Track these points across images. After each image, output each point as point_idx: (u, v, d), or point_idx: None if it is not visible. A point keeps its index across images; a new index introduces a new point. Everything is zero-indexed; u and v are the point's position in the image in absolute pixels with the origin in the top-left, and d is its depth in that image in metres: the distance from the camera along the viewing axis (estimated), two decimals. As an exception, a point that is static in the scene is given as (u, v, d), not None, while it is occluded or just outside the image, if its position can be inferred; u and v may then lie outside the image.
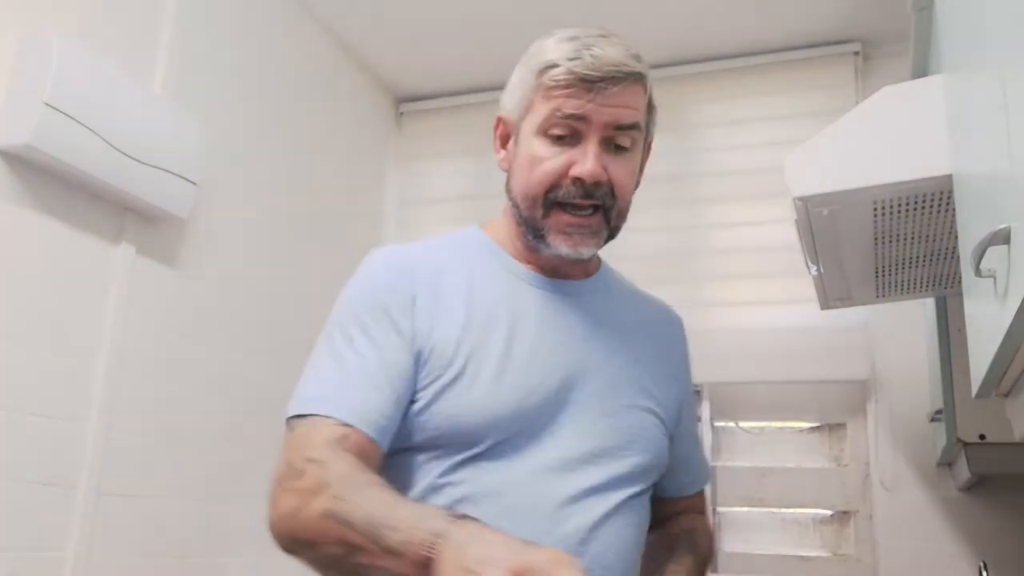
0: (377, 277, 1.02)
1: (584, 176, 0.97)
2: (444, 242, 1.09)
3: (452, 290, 1.01)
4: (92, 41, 1.82)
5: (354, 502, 0.82)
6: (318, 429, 0.90)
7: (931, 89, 1.32)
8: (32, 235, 1.69)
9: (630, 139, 1.02)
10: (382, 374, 0.94)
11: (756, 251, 2.50)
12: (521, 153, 1.02)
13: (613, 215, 1.02)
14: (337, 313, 1.01)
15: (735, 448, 2.51)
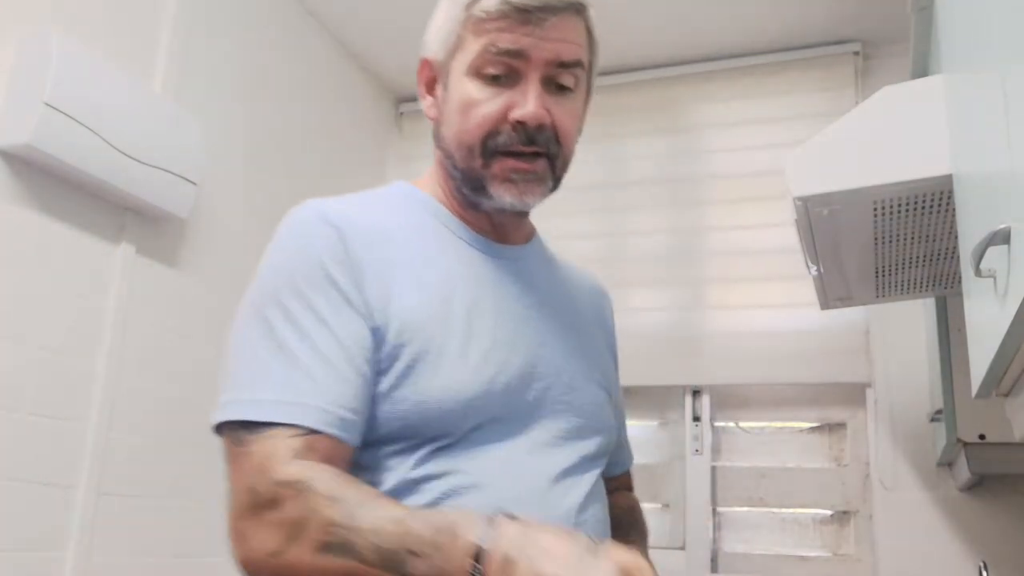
0: (311, 237, 0.86)
1: (526, 119, 0.87)
2: (377, 198, 0.96)
3: (402, 254, 0.88)
4: (92, 41, 1.82)
5: (356, 528, 0.71)
6: (279, 442, 0.77)
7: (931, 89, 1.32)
8: (32, 235, 1.69)
9: (573, 78, 0.91)
10: (341, 357, 0.80)
11: (756, 253, 2.50)
12: (452, 97, 0.91)
13: (558, 164, 0.92)
14: (265, 287, 0.85)
15: (735, 448, 2.51)
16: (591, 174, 2.73)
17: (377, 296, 0.84)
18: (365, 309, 0.83)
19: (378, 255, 0.86)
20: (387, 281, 0.85)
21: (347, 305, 0.83)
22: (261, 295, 0.85)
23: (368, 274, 0.85)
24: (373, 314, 0.83)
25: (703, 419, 2.49)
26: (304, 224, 0.87)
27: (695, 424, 2.50)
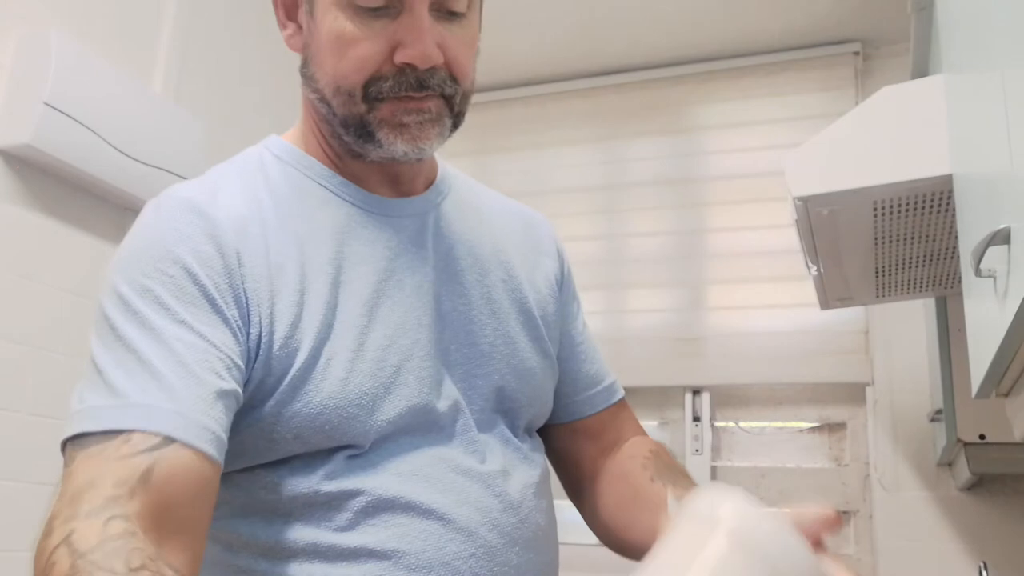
0: (169, 226, 0.70)
1: (415, 61, 0.72)
2: (245, 168, 0.80)
3: (279, 239, 0.73)
4: (92, 41, 1.82)
5: None
6: (111, 463, 0.59)
7: (931, 89, 1.32)
8: (32, 235, 1.69)
9: (465, 2, 0.76)
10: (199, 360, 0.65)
11: (757, 254, 2.50)
12: (322, 30, 0.75)
13: (457, 101, 0.77)
14: (111, 286, 0.69)
15: (735, 448, 2.51)
16: (591, 175, 2.73)
17: (264, 308, 0.70)
18: (239, 321, 0.69)
19: (258, 253, 0.72)
20: (269, 275, 0.72)
21: (207, 302, 0.68)
22: (108, 293, 0.70)
23: (246, 270, 0.71)
24: (249, 327, 0.69)
25: (703, 419, 2.49)
26: (162, 212, 0.73)
27: (695, 424, 2.50)
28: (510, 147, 2.81)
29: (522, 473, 0.81)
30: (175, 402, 0.63)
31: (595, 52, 2.68)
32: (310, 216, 0.77)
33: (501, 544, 0.74)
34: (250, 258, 0.71)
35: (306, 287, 0.73)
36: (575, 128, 2.79)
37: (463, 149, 2.86)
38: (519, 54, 2.68)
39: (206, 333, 0.67)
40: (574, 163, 2.77)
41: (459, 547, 0.71)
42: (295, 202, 0.77)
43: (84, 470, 0.60)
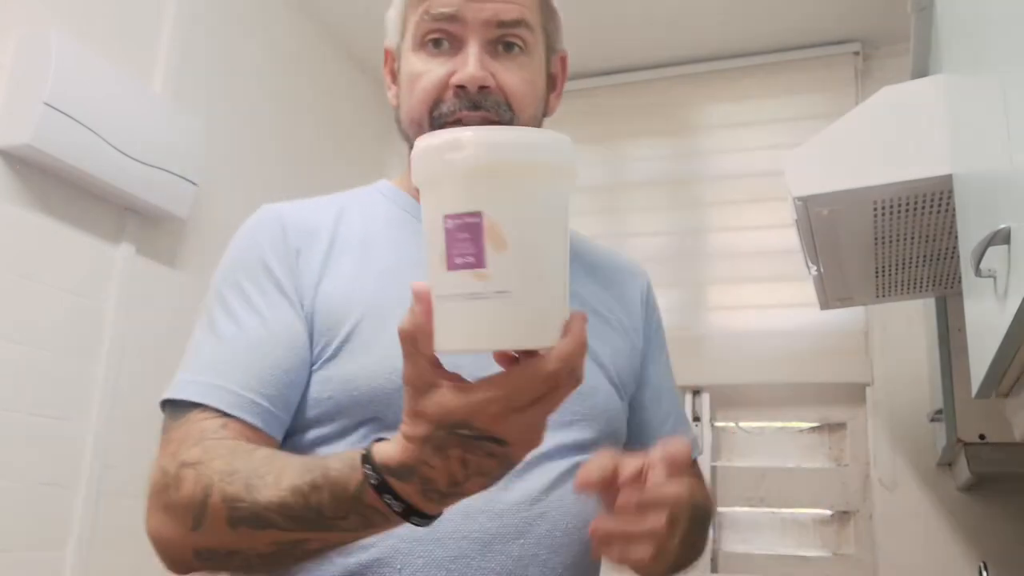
0: (257, 233, 0.89)
1: (464, 82, 0.84)
2: (342, 195, 0.97)
3: (343, 241, 0.89)
4: (92, 41, 1.82)
5: (255, 497, 0.67)
6: (192, 424, 0.78)
7: (931, 89, 1.32)
8: (32, 235, 1.69)
9: (520, 39, 0.87)
10: (264, 343, 0.82)
11: (757, 254, 2.50)
12: (402, 77, 0.90)
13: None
14: (214, 283, 0.89)
15: (735, 448, 2.51)
16: (592, 175, 2.73)
17: (309, 281, 0.85)
18: (297, 296, 0.85)
19: (319, 243, 0.88)
20: (322, 266, 0.86)
21: (278, 292, 0.85)
22: (211, 286, 0.89)
23: (303, 259, 0.86)
24: (304, 299, 0.85)
25: (703, 419, 2.49)
26: (255, 221, 0.91)
27: (695, 424, 2.50)
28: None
29: (545, 474, 0.84)
30: (236, 382, 0.80)
31: (595, 52, 2.69)
32: (382, 229, 0.92)
33: (501, 533, 0.79)
34: (308, 252, 0.87)
35: (358, 277, 0.86)
36: (575, 128, 2.79)
37: (463, 149, 2.86)
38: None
39: (273, 317, 0.83)
40: (574, 163, 2.76)
41: (454, 527, 0.78)
42: (374, 220, 0.92)
43: (179, 433, 0.78)
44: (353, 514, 0.62)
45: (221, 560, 0.72)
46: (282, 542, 0.67)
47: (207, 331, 0.85)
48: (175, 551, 0.74)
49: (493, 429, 0.55)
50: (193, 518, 0.71)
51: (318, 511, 0.64)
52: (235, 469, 0.71)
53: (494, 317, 0.53)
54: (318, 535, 0.66)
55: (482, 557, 0.78)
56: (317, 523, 0.64)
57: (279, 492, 0.67)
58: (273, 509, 0.66)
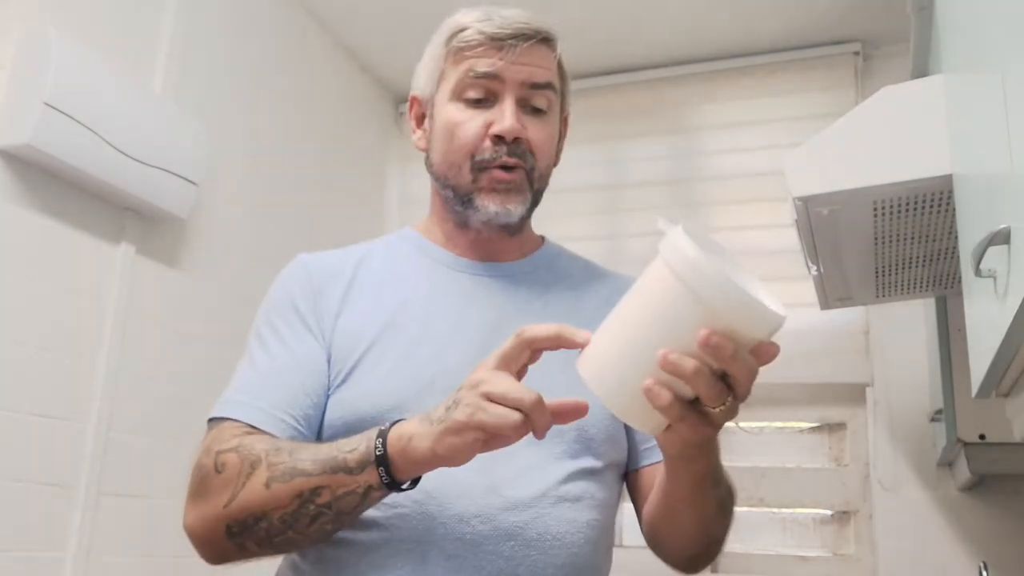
0: (288, 279, 1.02)
1: (504, 133, 0.96)
2: (369, 242, 1.08)
3: (364, 282, 1.00)
4: (92, 41, 1.82)
5: (295, 458, 0.81)
6: (223, 430, 0.89)
7: (931, 89, 1.32)
8: (32, 235, 1.69)
9: (546, 100, 1.01)
10: (291, 371, 0.93)
11: (757, 253, 2.50)
12: (438, 124, 1.01)
13: (535, 176, 1.00)
14: (255, 323, 1.01)
15: (735, 448, 2.51)
16: (591, 175, 2.73)
17: (330, 317, 0.97)
18: (319, 330, 0.96)
19: (342, 284, 0.99)
20: (343, 303, 0.98)
21: (305, 329, 0.96)
22: (253, 330, 1.00)
23: (327, 298, 0.98)
24: (324, 332, 0.96)
25: (703, 419, 2.49)
26: (287, 268, 1.04)
27: (695, 424, 2.49)
28: (510, 147, 2.80)
29: (541, 482, 0.91)
30: (264, 402, 0.91)
31: (595, 52, 2.68)
32: (399, 269, 1.02)
33: (493, 535, 0.87)
34: (329, 291, 0.99)
35: (372, 311, 0.97)
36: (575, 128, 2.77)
37: (463, 149, 2.85)
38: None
39: (299, 349, 0.95)
40: (574, 163, 2.75)
41: (448, 530, 0.86)
42: (392, 262, 1.04)
43: (209, 437, 0.90)
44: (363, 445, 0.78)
45: (249, 530, 0.82)
46: (303, 492, 0.79)
47: (245, 363, 0.97)
48: (209, 533, 0.85)
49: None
50: (232, 492, 0.82)
51: (342, 447, 0.79)
52: (280, 446, 0.84)
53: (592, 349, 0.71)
54: (331, 479, 0.79)
55: (475, 557, 0.86)
56: (335, 461, 0.79)
57: (316, 445, 0.83)
58: (308, 457, 0.80)
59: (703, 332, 0.64)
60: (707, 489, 0.87)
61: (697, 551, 0.96)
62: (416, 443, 0.76)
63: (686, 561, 0.98)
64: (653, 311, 0.67)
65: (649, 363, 0.65)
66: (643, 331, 0.67)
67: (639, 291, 0.69)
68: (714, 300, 0.63)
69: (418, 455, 0.76)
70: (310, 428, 0.92)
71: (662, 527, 0.95)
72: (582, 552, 0.92)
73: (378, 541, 0.87)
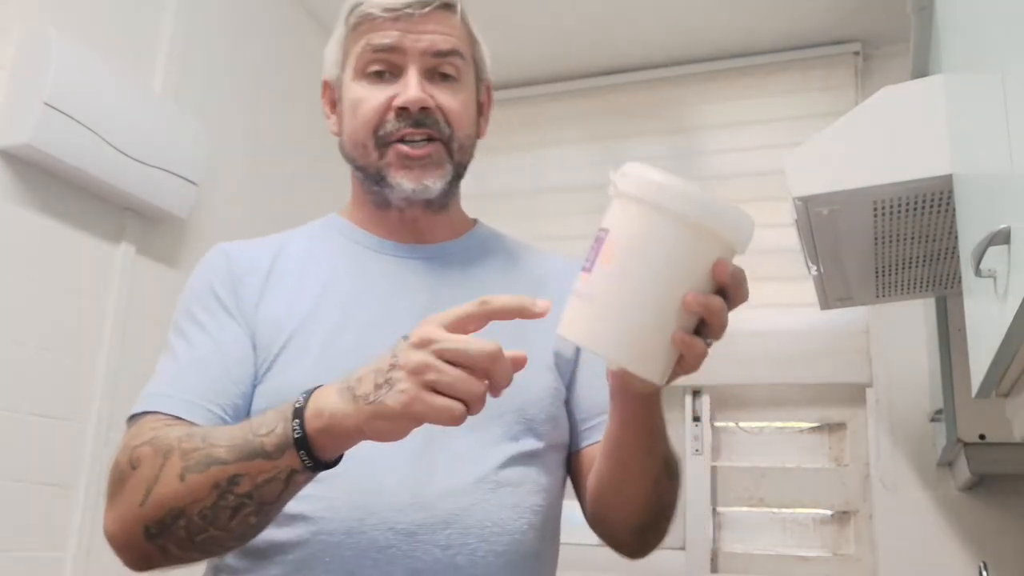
0: (206, 269, 0.98)
1: (407, 104, 0.92)
2: (291, 231, 1.05)
3: (284, 269, 0.96)
4: (92, 41, 1.82)
5: (209, 444, 0.75)
6: (142, 425, 0.84)
7: (931, 89, 1.32)
8: (32, 235, 1.69)
9: (454, 67, 0.96)
10: (213, 358, 0.89)
11: (756, 253, 2.49)
12: (345, 105, 0.98)
13: (454, 147, 0.96)
14: (174, 316, 0.98)
15: (735, 448, 2.51)
16: (591, 175, 2.73)
17: (251, 305, 0.93)
18: (241, 316, 0.92)
19: (262, 271, 0.96)
20: (263, 291, 0.94)
21: (226, 315, 0.92)
22: (173, 321, 0.97)
23: (247, 286, 0.94)
24: (247, 320, 0.92)
25: (703, 419, 2.49)
26: (206, 258, 1.00)
27: (695, 424, 2.50)
28: (510, 147, 2.80)
29: (480, 466, 0.88)
30: (188, 393, 0.87)
31: (595, 52, 2.68)
32: (321, 254, 0.99)
33: (429, 523, 0.83)
34: (251, 280, 0.95)
35: (295, 299, 0.93)
36: (575, 128, 2.79)
37: (463, 149, 2.86)
38: (519, 54, 2.68)
39: (222, 337, 0.91)
40: (574, 163, 2.77)
41: (381, 519, 0.82)
42: (314, 246, 1.00)
43: (128, 435, 0.84)
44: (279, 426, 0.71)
45: (167, 529, 0.75)
46: (220, 482, 0.73)
47: (165, 356, 0.93)
48: (128, 536, 0.78)
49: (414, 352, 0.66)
50: (146, 488, 0.76)
51: (256, 429, 0.73)
52: (193, 432, 0.79)
53: (574, 314, 0.66)
54: (249, 466, 0.72)
55: (409, 547, 0.82)
56: (251, 447, 0.72)
57: (232, 427, 0.77)
58: (222, 443, 0.74)
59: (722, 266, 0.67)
60: (657, 441, 0.85)
61: (647, 519, 0.91)
62: (340, 421, 0.69)
63: (635, 534, 0.93)
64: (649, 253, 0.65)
65: (661, 307, 0.64)
66: (646, 278, 0.64)
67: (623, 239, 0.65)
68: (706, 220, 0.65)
69: (341, 432, 0.69)
70: (238, 419, 0.87)
71: (610, 494, 0.91)
72: (525, 539, 0.88)
73: (306, 535, 0.83)
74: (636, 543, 0.94)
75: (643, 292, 0.64)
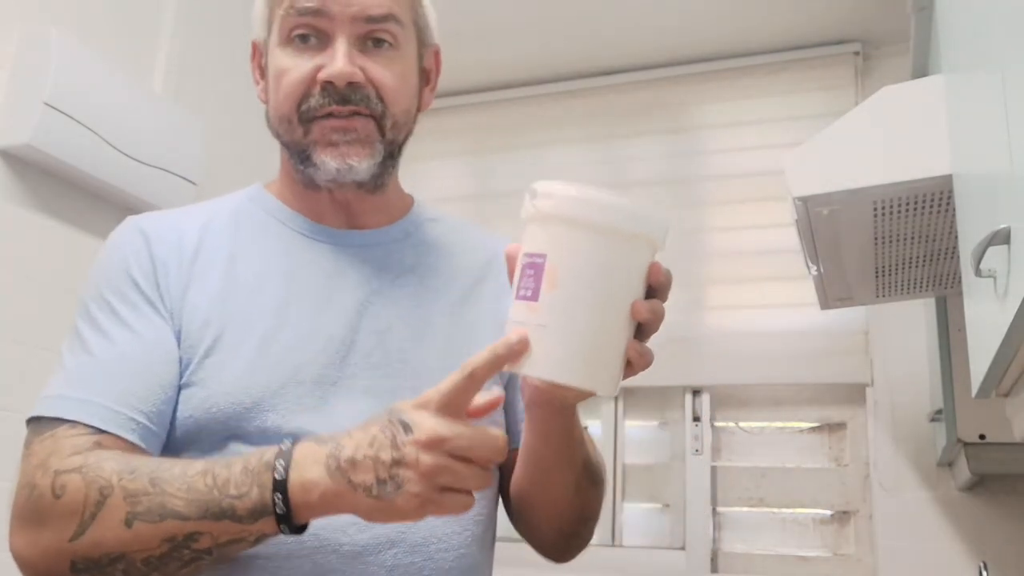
0: (120, 246, 0.87)
1: (333, 78, 0.83)
2: (212, 203, 0.95)
3: (211, 253, 0.86)
4: (92, 41, 1.82)
5: (161, 492, 0.68)
6: (60, 439, 0.75)
7: (931, 89, 1.32)
8: (32, 235, 1.69)
9: (390, 34, 0.86)
10: (135, 356, 0.79)
11: (756, 253, 2.50)
12: (270, 72, 0.88)
13: (386, 124, 0.86)
14: (79, 300, 0.87)
15: (735, 448, 2.51)
16: (591, 175, 2.73)
17: (175, 295, 0.83)
18: (166, 311, 0.83)
19: (184, 255, 0.85)
20: (188, 279, 0.84)
21: (148, 306, 0.82)
22: (78, 303, 0.87)
23: (170, 273, 0.84)
24: (172, 312, 0.82)
25: (703, 419, 2.49)
26: (117, 234, 0.90)
27: (695, 424, 2.50)
28: (510, 147, 2.80)
29: None
30: (110, 398, 0.77)
31: (595, 52, 2.68)
32: (251, 240, 0.89)
33: (373, 544, 0.79)
34: (174, 266, 0.84)
35: (224, 292, 0.84)
36: (575, 128, 2.79)
37: (463, 149, 2.86)
38: (519, 54, 2.68)
39: (146, 332, 0.81)
40: (574, 163, 2.77)
41: (323, 541, 0.77)
42: (243, 230, 0.90)
43: (43, 447, 0.76)
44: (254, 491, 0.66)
45: (101, 569, 0.70)
46: (176, 537, 0.68)
47: (75, 348, 0.82)
48: (49, 566, 0.71)
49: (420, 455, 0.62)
50: (79, 524, 0.69)
51: (224, 487, 0.67)
52: (135, 468, 0.71)
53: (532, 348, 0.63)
54: (214, 526, 0.67)
55: (353, 569, 0.78)
56: (218, 507, 0.67)
57: (189, 475, 0.69)
58: (180, 495, 0.68)
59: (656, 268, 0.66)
60: (576, 449, 0.84)
61: (570, 525, 0.90)
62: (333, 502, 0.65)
63: (559, 539, 0.91)
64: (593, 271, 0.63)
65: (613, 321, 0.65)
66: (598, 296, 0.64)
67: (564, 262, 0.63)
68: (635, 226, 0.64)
69: (331, 511, 0.66)
70: (162, 426, 0.79)
71: (532, 501, 0.89)
72: (469, 552, 0.86)
73: (242, 561, 0.75)
74: (560, 547, 0.93)
75: (596, 311, 0.64)
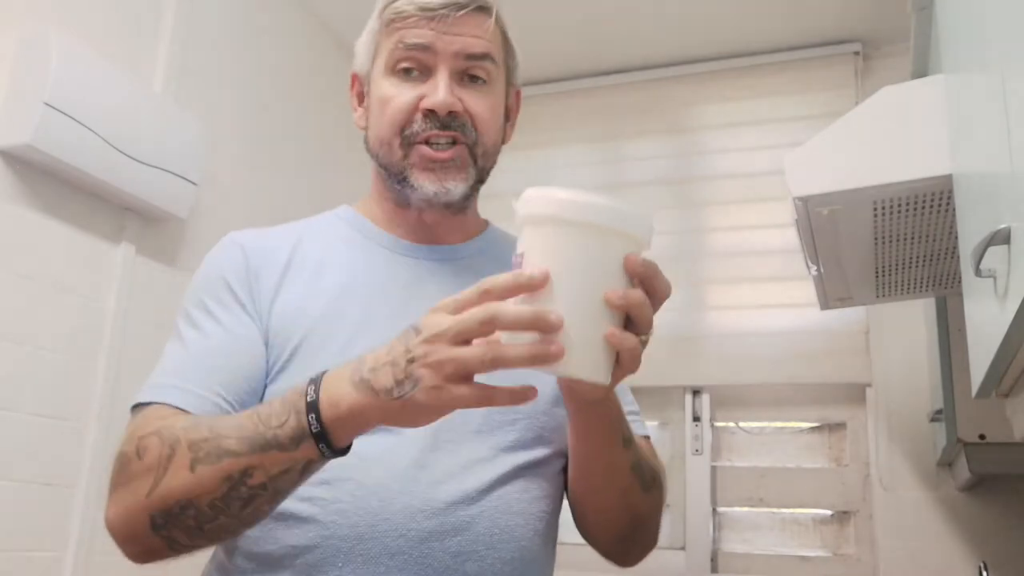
0: (219, 257, 0.97)
1: (435, 107, 0.91)
2: (304, 222, 1.04)
3: (300, 263, 0.95)
4: (92, 41, 1.82)
5: (217, 436, 0.75)
6: (148, 415, 0.83)
7: (931, 89, 1.32)
8: (32, 235, 1.69)
9: (485, 71, 0.95)
10: (228, 351, 0.88)
11: (757, 253, 2.50)
12: (373, 100, 0.98)
13: (478, 152, 0.95)
14: (183, 305, 0.96)
15: (735, 448, 2.51)
16: (591, 175, 2.73)
17: (266, 300, 0.92)
18: (255, 312, 0.91)
19: (278, 266, 0.94)
20: (279, 286, 0.93)
21: (240, 307, 0.91)
22: (180, 309, 0.96)
23: (263, 281, 0.93)
24: (261, 314, 0.91)
25: (703, 419, 2.49)
26: (219, 247, 0.98)
27: (695, 424, 2.50)
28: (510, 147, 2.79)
29: (489, 474, 0.88)
30: (197, 383, 0.86)
31: (595, 52, 2.69)
32: (337, 253, 0.97)
33: (439, 530, 0.84)
34: (266, 275, 0.94)
35: (308, 296, 0.92)
36: (576, 128, 2.79)
37: (463, 149, 2.86)
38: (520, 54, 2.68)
39: (235, 328, 0.90)
40: (574, 163, 2.77)
41: (393, 526, 0.83)
42: (330, 244, 0.99)
43: (134, 424, 0.84)
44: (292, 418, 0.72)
45: (175, 519, 0.76)
46: (233, 475, 0.73)
47: (173, 344, 0.92)
48: (132, 526, 0.79)
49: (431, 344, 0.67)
50: (154, 479, 0.76)
51: (267, 421, 0.73)
52: (198, 422, 0.79)
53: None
54: (263, 458, 0.72)
55: (420, 553, 0.83)
56: (263, 439, 0.72)
57: (240, 418, 0.76)
58: (232, 434, 0.74)
59: (631, 258, 0.71)
60: (618, 452, 0.87)
61: (621, 530, 0.93)
62: (361, 413, 0.70)
63: (614, 543, 0.95)
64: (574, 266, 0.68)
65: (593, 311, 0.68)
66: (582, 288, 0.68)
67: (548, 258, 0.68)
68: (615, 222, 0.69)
69: (361, 423, 0.71)
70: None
71: (582, 493, 0.93)
72: (531, 545, 0.89)
73: (315, 539, 0.83)
74: (618, 551, 0.97)
75: (579, 302, 0.68)
